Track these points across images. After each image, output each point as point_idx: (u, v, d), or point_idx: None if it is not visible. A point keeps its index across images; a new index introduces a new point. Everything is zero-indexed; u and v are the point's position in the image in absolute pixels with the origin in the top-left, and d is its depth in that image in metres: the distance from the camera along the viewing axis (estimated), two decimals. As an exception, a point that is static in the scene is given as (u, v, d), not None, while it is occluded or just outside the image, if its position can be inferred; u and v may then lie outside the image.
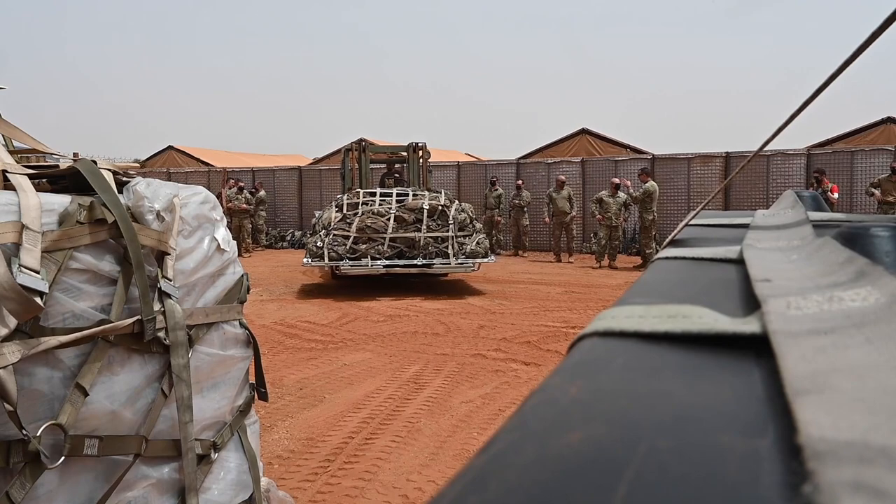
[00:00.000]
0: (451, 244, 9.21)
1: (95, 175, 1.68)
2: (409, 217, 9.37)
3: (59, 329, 1.48)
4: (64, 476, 1.52)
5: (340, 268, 9.10)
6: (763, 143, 0.84)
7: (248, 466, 2.08)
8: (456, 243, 9.23)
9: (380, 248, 9.16)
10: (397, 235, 9.24)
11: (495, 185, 14.80)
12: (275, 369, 5.24)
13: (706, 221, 1.18)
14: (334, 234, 9.24)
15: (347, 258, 9.08)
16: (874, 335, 0.32)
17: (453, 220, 9.34)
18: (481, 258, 9.28)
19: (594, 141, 18.77)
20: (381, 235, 9.21)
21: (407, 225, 9.35)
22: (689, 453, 0.24)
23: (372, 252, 9.13)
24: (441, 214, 9.44)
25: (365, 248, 9.15)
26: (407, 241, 9.25)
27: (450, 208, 9.50)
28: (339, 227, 9.35)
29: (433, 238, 9.25)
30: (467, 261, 9.14)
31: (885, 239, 0.47)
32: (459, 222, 9.41)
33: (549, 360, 5.59)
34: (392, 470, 3.37)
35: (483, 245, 9.41)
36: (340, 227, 9.35)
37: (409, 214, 9.39)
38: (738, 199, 13.88)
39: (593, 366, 0.36)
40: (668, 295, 0.54)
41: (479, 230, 9.73)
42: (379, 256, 9.10)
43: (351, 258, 9.09)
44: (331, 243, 9.15)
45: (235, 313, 2.06)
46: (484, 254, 9.33)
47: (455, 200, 10.06)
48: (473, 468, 0.25)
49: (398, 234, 9.25)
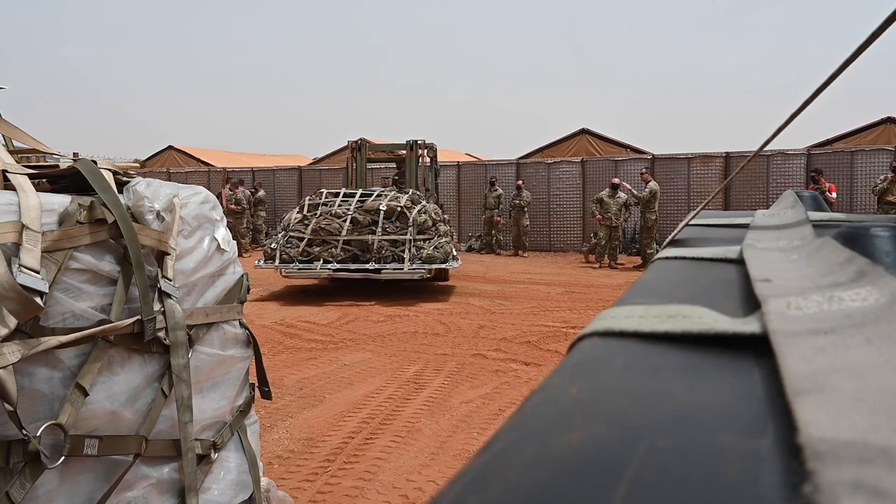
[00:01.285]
0: (408, 248, 8.68)
1: (95, 175, 1.68)
2: (363, 219, 8.93)
3: (59, 329, 1.48)
4: (64, 476, 1.52)
5: (283, 271, 8.76)
6: (763, 143, 0.84)
7: (248, 466, 2.08)
8: (413, 247, 8.71)
9: (333, 250, 8.79)
10: (351, 238, 8.83)
11: (495, 186, 14.80)
12: (275, 369, 5.24)
13: (706, 221, 1.18)
14: (290, 235, 8.96)
15: (299, 260, 8.73)
16: (874, 335, 0.32)
17: (412, 223, 8.81)
18: (440, 263, 8.62)
19: (594, 141, 18.77)
20: (334, 238, 8.85)
21: (362, 227, 8.93)
22: (689, 453, 0.24)
23: (325, 255, 8.77)
24: (400, 216, 8.94)
25: (318, 251, 8.81)
26: (361, 244, 8.83)
27: (411, 210, 8.97)
28: (296, 228, 9.07)
29: (388, 241, 8.78)
30: (423, 266, 8.54)
31: (886, 239, 0.47)
32: (419, 224, 8.85)
33: (549, 360, 5.59)
34: (392, 470, 3.37)
35: (443, 249, 8.76)
36: (297, 228, 9.06)
37: (364, 216, 8.95)
38: (738, 199, 13.88)
39: (593, 366, 0.36)
40: (668, 295, 0.54)
41: (445, 233, 9.09)
42: (332, 260, 8.73)
43: (302, 261, 8.73)
44: (285, 245, 8.84)
45: (235, 313, 2.06)
46: (443, 258, 8.68)
47: (422, 201, 9.47)
48: (473, 468, 0.25)
49: (352, 236, 8.84)
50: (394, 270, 8.61)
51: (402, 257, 8.65)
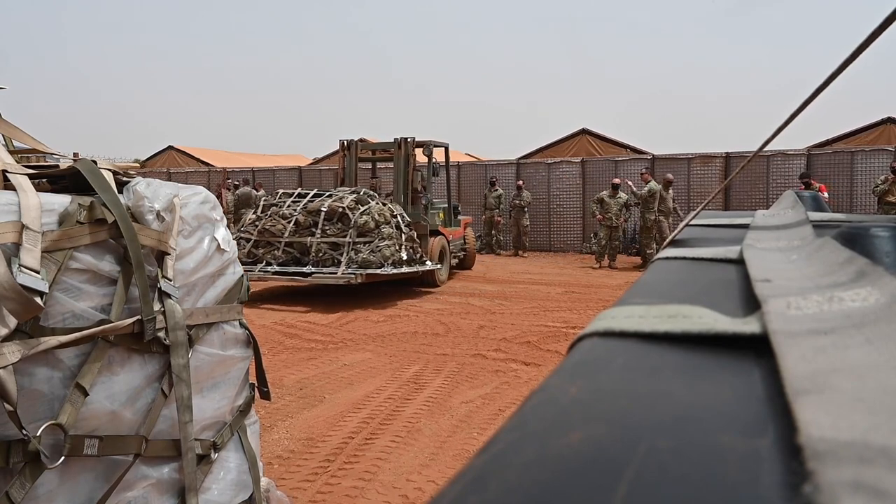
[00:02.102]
0: (346, 251, 8.23)
1: (95, 175, 1.68)
2: (305, 220, 8.58)
3: (59, 329, 1.48)
4: (64, 476, 1.52)
5: None
6: (763, 143, 0.84)
7: (248, 466, 2.08)
8: (352, 250, 8.23)
9: (276, 252, 8.56)
10: (293, 240, 8.55)
11: (495, 186, 14.80)
12: (275, 369, 5.24)
13: (706, 222, 1.18)
14: (241, 236, 8.77)
15: (243, 262, 8.22)
16: (874, 335, 0.32)
17: (353, 225, 8.33)
18: (375, 268, 8.03)
19: (594, 141, 18.77)
20: (277, 240, 8.62)
21: (303, 229, 8.61)
22: (689, 453, 0.24)
23: (268, 257, 8.55)
24: (342, 217, 8.49)
25: (262, 253, 8.60)
26: (301, 246, 8.52)
27: (354, 210, 8.45)
28: (247, 229, 8.88)
29: (327, 244, 8.38)
30: (358, 270, 7.97)
31: (885, 239, 0.47)
32: (359, 226, 8.31)
33: (549, 360, 5.59)
34: (392, 470, 3.37)
35: (382, 254, 8.11)
36: (248, 229, 8.87)
37: (306, 218, 8.59)
38: (739, 199, 13.88)
39: (593, 366, 0.36)
40: (668, 295, 0.54)
41: (390, 235, 8.39)
42: (273, 262, 8.50)
43: (246, 262, 8.35)
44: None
45: (235, 313, 2.06)
46: (380, 263, 8.07)
47: (371, 202, 8.76)
48: (474, 468, 0.25)
49: (294, 238, 8.55)
50: (326, 275, 8.14)
51: (340, 260, 8.22)
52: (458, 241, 11.30)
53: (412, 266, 8.69)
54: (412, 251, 8.79)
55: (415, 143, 10.18)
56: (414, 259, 8.78)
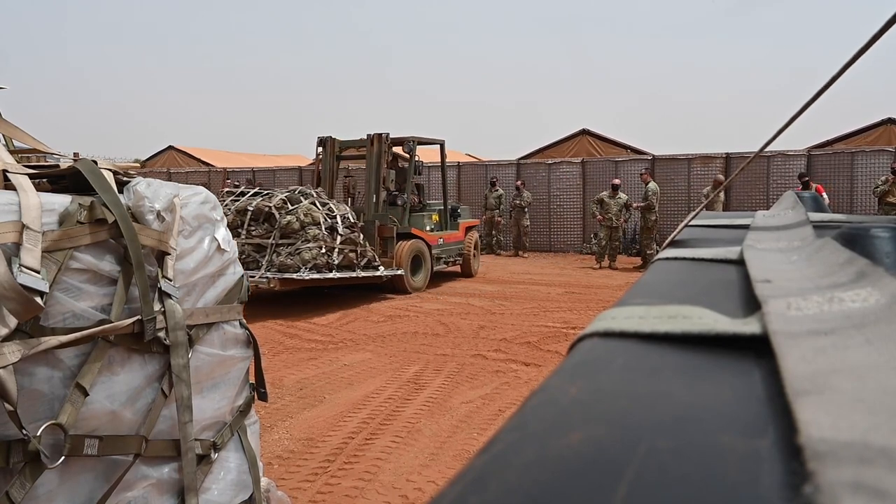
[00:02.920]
0: (269, 253, 7.76)
1: (96, 175, 1.68)
2: (233, 220, 8.05)
3: (59, 329, 1.48)
4: (64, 476, 1.52)
5: None
6: (764, 144, 0.84)
7: (247, 467, 2.08)
8: (275, 253, 7.78)
9: None
10: None
11: (496, 186, 14.80)
12: (275, 369, 5.25)
13: (706, 222, 1.18)
14: None
15: None
16: (874, 336, 0.32)
17: (278, 226, 7.85)
18: (293, 272, 7.50)
19: (594, 141, 18.77)
20: None
21: (231, 230, 7.78)
22: (690, 454, 0.24)
23: None
24: (269, 218, 8.02)
25: None
26: None
27: (281, 210, 7.97)
28: None
29: (251, 245, 7.92)
30: (276, 274, 7.51)
31: (886, 240, 0.47)
32: (282, 227, 7.81)
33: (550, 360, 5.59)
34: (392, 470, 3.37)
35: (301, 257, 7.57)
36: None
37: (235, 218, 8.09)
38: (739, 199, 13.88)
39: (593, 366, 0.36)
40: (669, 296, 0.54)
41: (315, 237, 7.78)
42: None
43: None
44: None
45: (235, 313, 2.06)
46: (296, 267, 7.53)
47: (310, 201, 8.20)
48: (474, 468, 0.25)
49: None
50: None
51: (261, 263, 7.75)
52: (452, 246, 10.59)
53: (353, 271, 8.07)
54: (356, 255, 8.15)
55: (390, 140, 9.44)
56: (356, 264, 8.14)
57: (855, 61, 0.60)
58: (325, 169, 9.97)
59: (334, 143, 10.03)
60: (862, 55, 0.59)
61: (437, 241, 10.08)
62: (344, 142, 10.16)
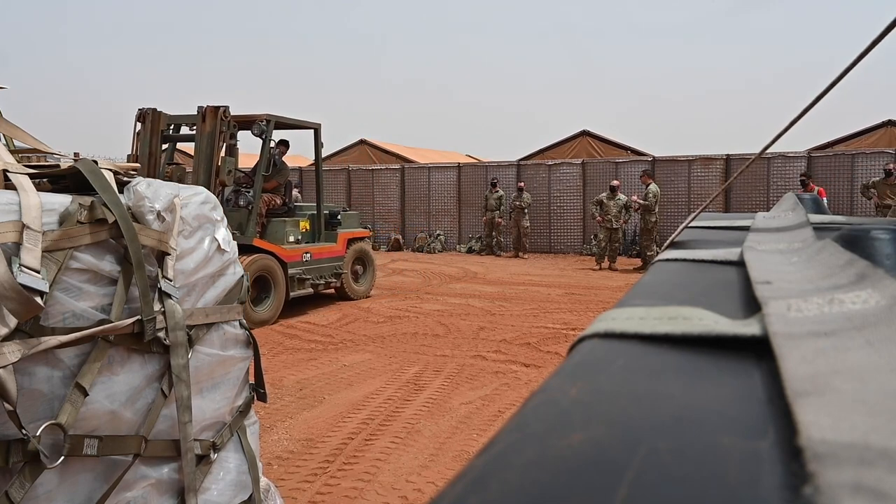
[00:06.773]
0: None
1: (96, 175, 1.68)
2: None
3: (59, 329, 1.48)
4: (63, 476, 1.52)
5: None
6: (765, 146, 0.84)
7: (247, 467, 2.08)
8: None
9: None
10: None
11: (496, 187, 14.81)
12: (274, 370, 5.24)
13: (706, 223, 1.18)
14: None
15: None
16: (874, 337, 0.32)
17: None
18: None
19: (595, 143, 18.77)
20: None
21: None
22: (690, 455, 0.24)
23: None
24: None
25: None
26: None
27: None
28: None
29: None
30: None
31: (886, 242, 0.47)
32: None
33: (549, 361, 5.59)
34: (391, 471, 3.37)
35: None
36: None
37: None
38: (739, 201, 13.89)
39: (594, 367, 0.36)
40: (669, 297, 0.54)
41: None
42: None
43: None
44: None
45: (235, 314, 2.06)
46: None
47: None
48: (474, 469, 0.25)
49: None
50: None
51: None
52: (325, 263, 8.12)
53: None
54: None
55: (230, 118, 6.83)
56: None
57: (856, 64, 0.60)
58: (145, 153, 7.09)
59: (159, 117, 7.17)
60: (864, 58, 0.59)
61: (301, 256, 7.73)
62: (174, 116, 7.34)
